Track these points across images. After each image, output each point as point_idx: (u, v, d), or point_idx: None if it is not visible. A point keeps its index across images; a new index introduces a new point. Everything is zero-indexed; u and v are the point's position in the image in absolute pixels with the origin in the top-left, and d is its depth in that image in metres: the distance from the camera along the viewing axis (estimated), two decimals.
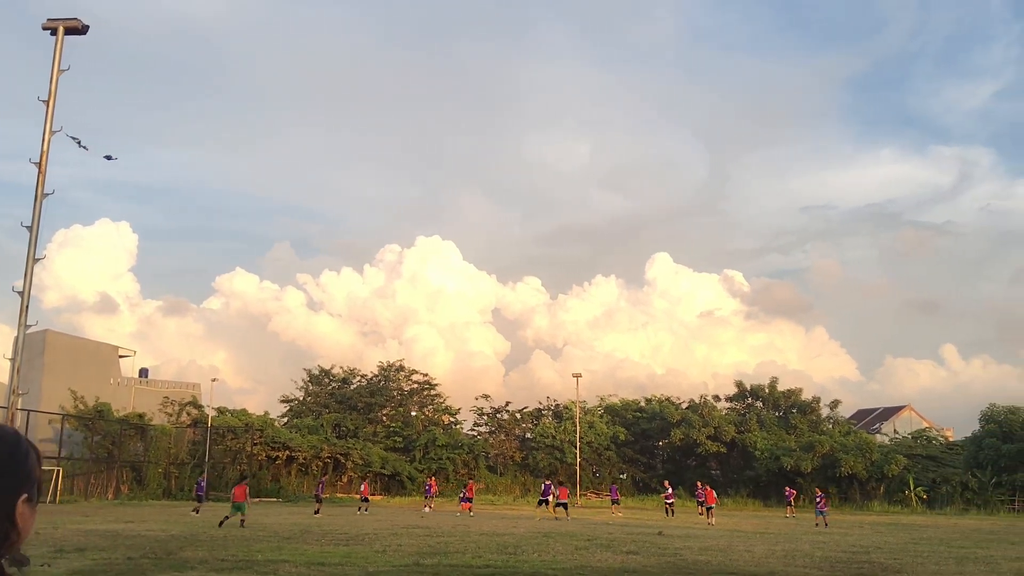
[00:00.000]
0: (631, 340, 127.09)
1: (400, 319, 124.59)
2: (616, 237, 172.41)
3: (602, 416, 74.09)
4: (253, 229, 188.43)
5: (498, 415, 75.04)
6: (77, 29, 18.13)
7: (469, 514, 41.16)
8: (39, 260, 16.63)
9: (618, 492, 52.66)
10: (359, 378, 78.73)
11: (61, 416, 51.18)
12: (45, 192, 16.96)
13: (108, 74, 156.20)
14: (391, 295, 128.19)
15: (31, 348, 57.09)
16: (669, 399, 76.15)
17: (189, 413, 62.24)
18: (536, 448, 70.87)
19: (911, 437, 71.16)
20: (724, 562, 18.61)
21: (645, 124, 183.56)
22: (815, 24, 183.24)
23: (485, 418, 75.03)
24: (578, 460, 65.75)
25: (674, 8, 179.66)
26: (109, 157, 20.59)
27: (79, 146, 18.08)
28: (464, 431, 74.88)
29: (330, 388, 77.76)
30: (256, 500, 54.36)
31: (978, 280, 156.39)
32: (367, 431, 71.82)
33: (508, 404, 76.18)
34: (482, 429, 75.13)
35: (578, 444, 66.29)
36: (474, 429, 75.35)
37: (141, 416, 56.92)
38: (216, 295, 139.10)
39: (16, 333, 16.78)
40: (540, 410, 76.32)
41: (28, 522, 1.94)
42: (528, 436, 74.08)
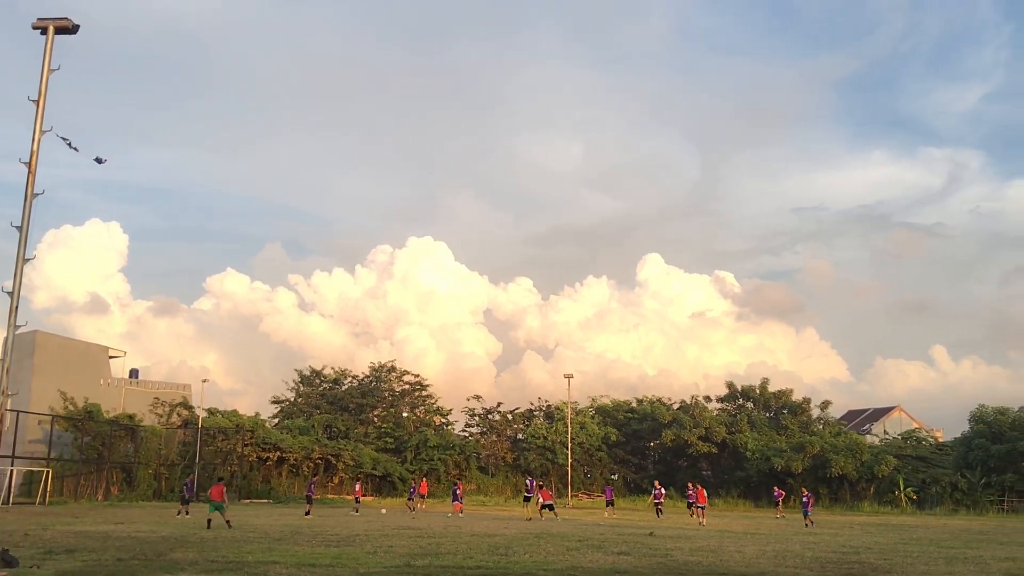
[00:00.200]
0: (622, 341, 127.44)
1: (392, 320, 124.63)
2: (608, 238, 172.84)
3: (593, 417, 74.18)
4: (244, 229, 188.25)
5: (489, 416, 75.05)
6: (67, 29, 18.03)
7: (459, 515, 41.10)
8: (29, 260, 16.53)
9: (613, 493, 52.65)
10: (350, 379, 78.66)
11: (51, 417, 50.96)
12: (35, 192, 16.86)
13: (99, 74, 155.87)
14: (383, 296, 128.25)
15: (20, 349, 56.76)
16: (660, 400, 76.33)
17: (179, 414, 62.04)
18: (527, 449, 70.88)
19: (901, 438, 71.48)
20: (715, 563, 18.64)
21: (637, 125, 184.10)
22: (807, 26, 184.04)
23: (476, 419, 75.10)
24: (569, 461, 65.80)
25: (667, 9, 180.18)
26: (100, 160, 20.44)
27: (69, 147, 17.96)
28: (455, 432, 74.98)
29: (321, 389, 77.66)
30: (247, 501, 54.31)
31: (968, 281, 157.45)
32: (358, 432, 71.72)
33: (500, 405, 76.34)
34: (473, 430, 75.21)
35: (569, 445, 66.36)
36: (465, 430, 75.51)
37: (131, 417, 56.72)
38: (207, 296, 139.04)
39: (5, 334, 16.70)
40: (531, 411, 76.38)
41: None
42: (519, 437, 74.09)
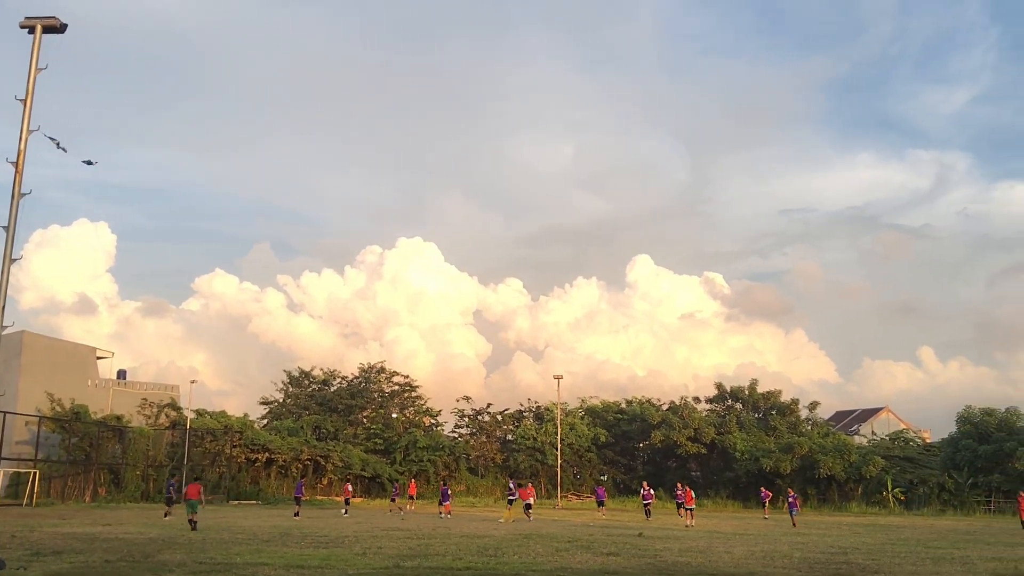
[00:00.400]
0: (612, 342, 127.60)
1: (381, 321, 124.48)
2: (598, 239, 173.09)
3: (583, 418, 74.22)
4: (233, 230, 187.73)
5: (479, 417, 75.02)
6: (55, 28, 17.98)
7: (447, 516, 41.03)
8: (16, 260, 16.46)
9: (605, 494, 52.69)
10: (339, 380, 78.54)
11: (38, 418, 50.67)
12: (22, 192, 16.79)
13: (87, 74, 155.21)
14: (372, 297, 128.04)
15: (8, 349, 56.60)
16: (650, 401, 76.48)
17: (168, 415, 61.81)
18: (517, 450, 70.86)
19: (889, 439, 71.74)
20: (704, 563, 18.69)
21: (627, 126, 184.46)
22: (796, 28, 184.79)
23: (466, 420, 75.07)
24: (559, 462, 65.83)
25: (655, 11, 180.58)
26: (89, 162, 20.38)
27: (57, 147, 17.92)
28: (445, 433, 74.83)
29: (310, 390, 77.48)
30: (235, 502, 54.14)
31: (956, 283, 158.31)
32: (347, 433, 71.60)
33: (489, 406, 76.33)
34: (463, 431, 75.16)
35: (559, 446, 66.38)
36: (455, 431, 75.43)
37: (119, 418, 56.49)
38: (195, 296, 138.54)
39: None
40: (521, 412, 76.33)
41: None
42: (509, 438, 74.06)
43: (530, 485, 58.80)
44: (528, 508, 40.20)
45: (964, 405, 61.74)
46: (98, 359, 73.45)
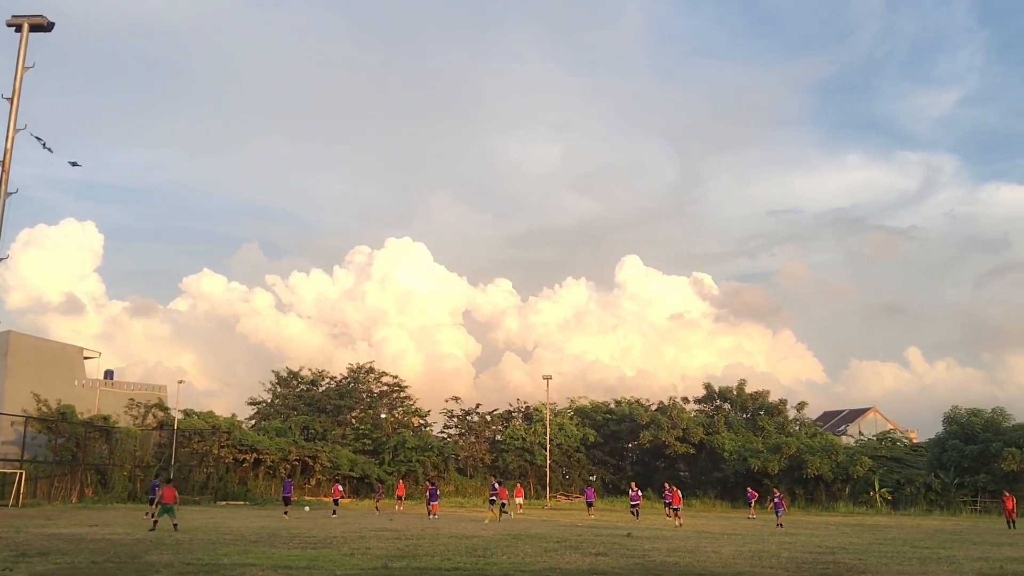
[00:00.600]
0: (601, 342, 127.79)
1: (370, 321, 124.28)
2: (586, 239, 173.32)
3: (572, 418, 74.28)
4: (221, 230, 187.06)
5: (468, 417, 74.99)
6: (42, 26, 17.89)
7: (434, 516, 40.93)
8: (2, 260, 16.37)
9: (594, 494, 52.73)
10: (328, 380, 78.35)
11: (24, 418, 50.34)
12: (9, 191, 16.70)
13: (75, 72, 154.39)
14: (361, 297, 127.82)
15: None
16: (638, 401, 76.66)
17: (155, 415, 61.54)
18: (506, 450, 70.87)
19: (876, 439, 72.09)
20: (692, 563, 18.73)
21: (616, 127, 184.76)
22: (784, 29, 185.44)
23: (455, 420, 75.03)
24: (548, 462, 65.85)
25: (644, 11, 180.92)
26: (74, 164, 20.31)
27: (44, 147, 17.83)
28: (434, 433, 74.77)
29: (298, 390, 77.26)
30: (223, 503, 53.93)
31: (942, 284, 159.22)
32: (336, 433, 71.43)
33: (478, 406, 76.34)
34: (452, 431, 75.15)
35: (548, 446, 66.40)
36: (444, 431, 75.40)
37: (106, 418, 56.20)
38: (183, 296, 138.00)
39: None
40: (510, 412, 76.33)
41: None
42: (498, 438, 74.04)
43: (519, 485, 59.08)
44: (503, 507, 40.01)
45: (951, 405, 62.11)
46: (85, 359, 73.12)
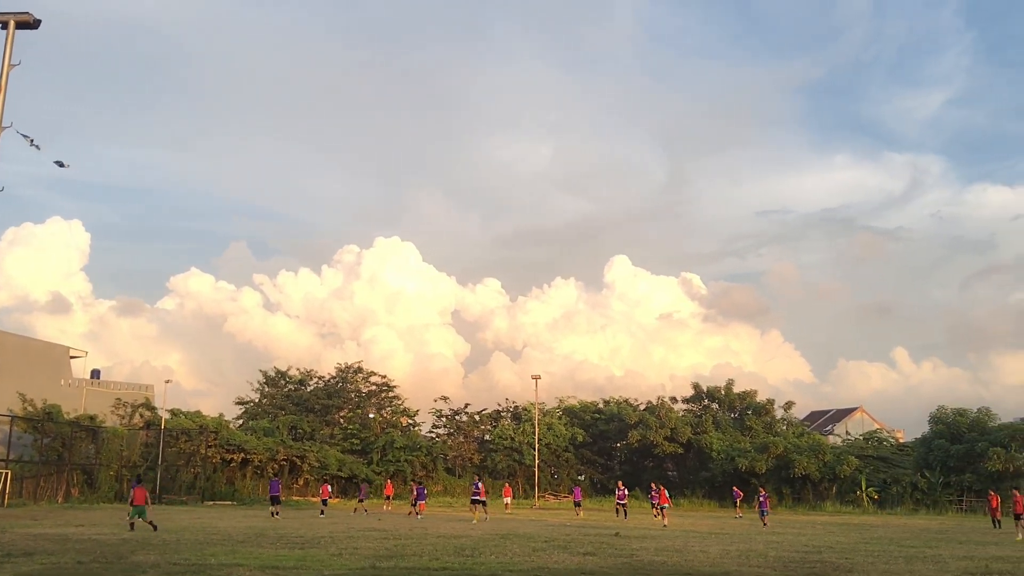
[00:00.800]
0: (590, 342, 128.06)
1: (358, 320, 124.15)
2: (575, 240, 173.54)
3: (561, 418, 74.28)
4: (209, 228, 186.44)
5: (457, 417, 74.86)
6: (29, 23, 17.80)
7: (420, 516, 40.81)
8: None
9: (581, 494, 52.72)
10: (316, 380, 78.05)
11: (10, 418, 50.03)
12: None
13: (62, 70, 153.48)
14: (349, 296, 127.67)
15: None
16: (627, 401, 76.77)
17: (142, 415, 61.19)
18: (495, 450, 70.84)
19: (863, 438, 72.41)
20: (680, 562, 18.77)
21: (605, 127, 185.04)
22: (773, 31, 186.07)
23: (444, 420, 74.84)
24: (536, 462, 65.87)
25: (634, 12, 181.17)
26: (60, 164, 20.23)
27: (31, 144, 17.75)
28: (422, 433, 74.60)
29: (286, 390, 76.97)
30: (210, 503, 53.72)
31: (929, 285, 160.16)
32: (324, 433, 71.19)
33: (467, 406, 76.19)
34: (440, 431, 74.96)
35: (536, 446, 66.42)
36: (432, 431, 75.18)
37: (92, 418, 55.87)
38: (171, 295, 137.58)
39: None
40: (499, 412, 76.28)
41: None
42: (487, 438, 74.01)
43: (507, 485, 59.12)
44: (482, 505, 39.50)
45: (937, 405, 62.49)
46: (71, 358, 72.80)
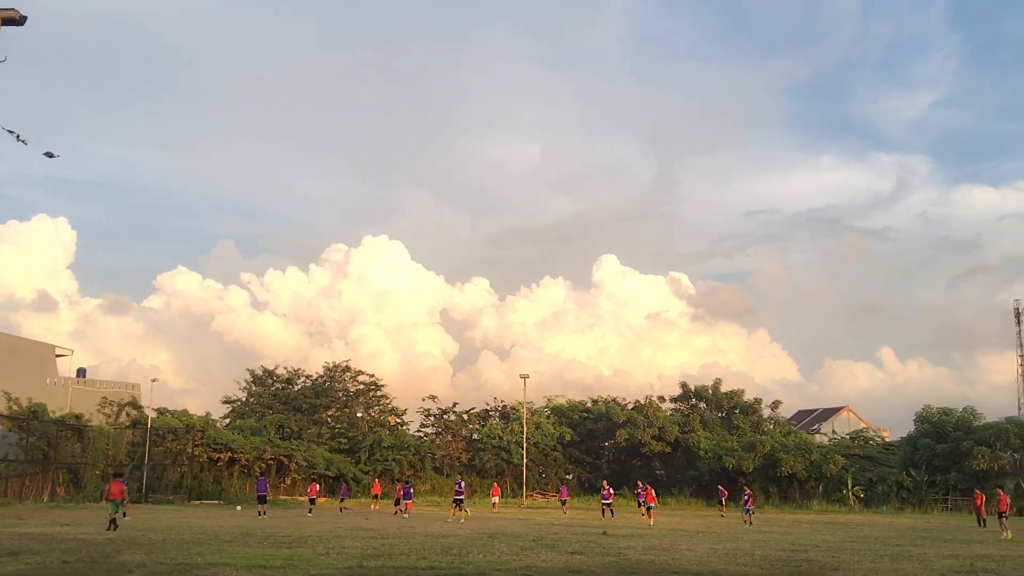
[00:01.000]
0: (578, 341, 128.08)
1: (346, 319, 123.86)
2: (564, 239, 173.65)
3: (549, 417, 74.32)
4: (196, 227, 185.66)
5: (445, 416, 74.75)
6: (15, 20, 17.68)
7: (407, 515, 40.76)
8: None
9: (567, 492, 52.64)
10: (303, 379, 77.79)
11: None
12: None
13: (48, 67, 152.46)
14: (337, 295, 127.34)
15: None
16: (615, 400, 76.91)
17: (128, 414, 60.88)
18: (483, 449, 70.83)
19: (849, 437, 72.73)
20: (667, 561, 18.82)
21: (594, 127, 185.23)
22: (761, 31, 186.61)
23: (432, 419, 74.70)
24: (524, 461, 65.89)
25: (623, 12, 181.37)
26: (50, 154, 20.13)
27: (17, 140, 17.65)
28: (410, 432, 74.49)
29: (274, 389, 76.68)
30: (197, 502, 53.52)
31: (915, 285, 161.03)
32: (311, 432, 70.97)
33: (455, 405, 76.08)
34: (429, 430, 74.81)
35: (525, 445, 66.44)
36: (420, 430, 75.02)
37: (78, 417, 55.56)
38: (157, 294, 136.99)
39: None
40: (487, 411, 76.26)
41: None
42: (475, 437, 73.99)
43: (495, 484, 59.17)
44: (461, 504, 39.28)
45: (923, 405, 62.78)
46: (57, 357, 72.37)
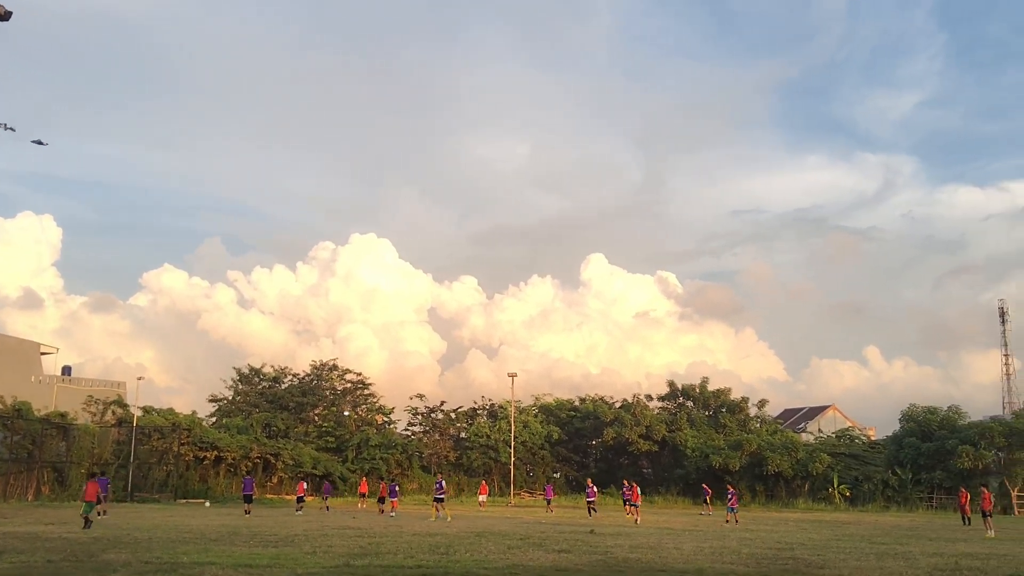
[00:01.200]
0: (566, 340, 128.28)
1: (334, 317, 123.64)
2: (552, 238, 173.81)
3: (537, 415, 74.39)
4: (182, 224, 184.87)
5: (432, 415, 74.63)
6: (0, 16, 17.53)
7: (393, 513, 40.67)
8: None
9: (552, 491, 52.66)
10: (291, 377, 77.47)
11: None
12: None
13: (34, 64, 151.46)
14: (324, 293, 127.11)
15: None
16: (603, 399, 77.05)
17: (114, 412, 60.59)
18: (470, 448, 70.79)
19: (835, 436, 73.07)
20: (654, 559, 18.86)
21: (582, 126, 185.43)
22: (749, 31, 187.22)
23: (419, 418, 74.56)
24: (512, 459, 65.91)
25: (612, 12, 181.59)
26: (39, 142, 20.04)
27: (4, 128, 17.58)
28: (398, 431, 74.35)
29: (260, 387, 76.36)
30: (183, 501, 53.30)
31: (901, 284, 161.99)
32: (298, 431, 70.74)
33: (443, 404, 75.96)
34: (416, 429, 74.62)
35: (512, 443, 66.45)
36: (408, 429, 74.85)
37: (63, 415, 55.19)
38: (143, 291, 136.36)
39: None
40: (475, 410, 76.24)
41: None
42: (463, 436, 73.91)
43: (483, 483, 59.19)
44: (439, 503, 39.10)
45: (908, 404, 63.14)
46: (42, 355, 71.94)
